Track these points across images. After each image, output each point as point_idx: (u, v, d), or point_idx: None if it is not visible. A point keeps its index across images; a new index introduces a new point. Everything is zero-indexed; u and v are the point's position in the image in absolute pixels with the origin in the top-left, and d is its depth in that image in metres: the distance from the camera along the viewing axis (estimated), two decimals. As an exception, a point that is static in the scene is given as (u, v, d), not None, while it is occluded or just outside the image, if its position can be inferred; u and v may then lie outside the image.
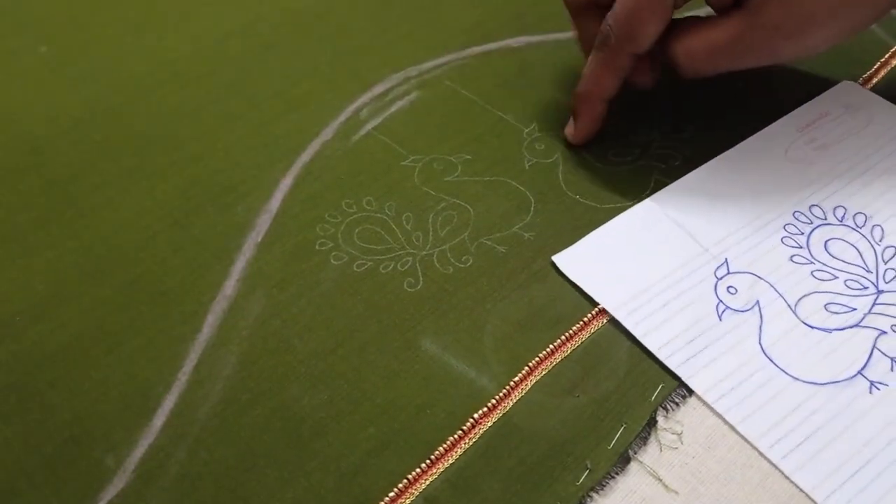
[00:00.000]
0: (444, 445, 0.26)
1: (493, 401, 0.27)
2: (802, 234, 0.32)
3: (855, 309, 0.29)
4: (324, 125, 0.37)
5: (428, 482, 0.26)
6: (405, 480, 0.26)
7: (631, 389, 0.28)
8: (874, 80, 0.39)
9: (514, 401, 0.27)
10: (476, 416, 0.27)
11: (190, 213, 0.33)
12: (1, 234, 0.33)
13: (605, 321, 0.30)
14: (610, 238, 0.32)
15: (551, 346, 0.29)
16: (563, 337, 0.29)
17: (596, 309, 0.30)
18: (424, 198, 0.34)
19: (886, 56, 0.40)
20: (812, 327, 0.29)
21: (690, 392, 0.28)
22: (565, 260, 0.31)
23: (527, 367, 0.28)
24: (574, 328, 0.29)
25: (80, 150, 0.36)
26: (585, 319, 0.29)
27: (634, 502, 0.25)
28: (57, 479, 0.26)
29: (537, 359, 0.28)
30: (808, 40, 0.32)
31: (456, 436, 0.27)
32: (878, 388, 0.27)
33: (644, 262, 0.31)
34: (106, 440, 0.26)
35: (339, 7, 0.44)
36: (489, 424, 0.27)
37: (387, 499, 0.25)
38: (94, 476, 0.26)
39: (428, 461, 0.26)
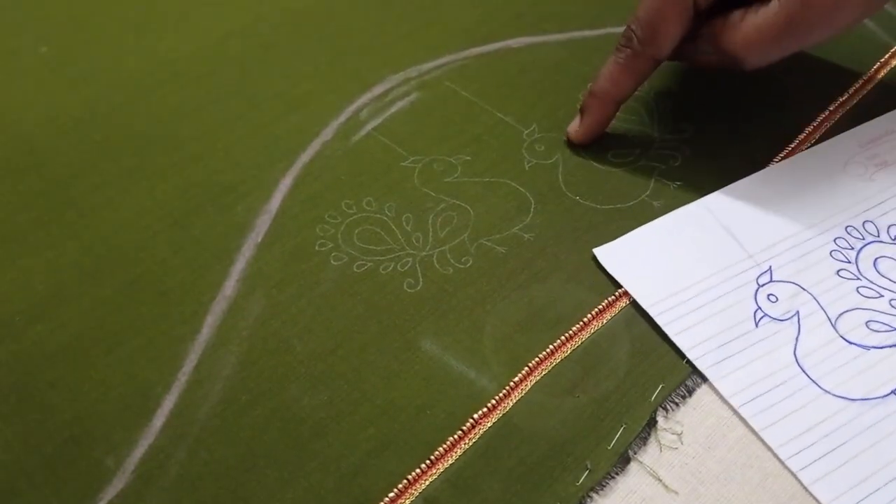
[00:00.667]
0: (444, 446, 0.26)
1: (493, 401, 0.27)
2: (853, 248, 0.31)
3: None
4: (324, 125, 0.37)
5: (428, 482, 0.26)
6: (405, 481, 0.26)
7: (631, 390, 0.28)
8: (874, 81, 0.39)
9: (514, 401, 0.27)
10: (476, 416, 0.27)
11: (190, 213, 0.33)
12: (1, 234, 0.33)
13: (605, 321, 0.30)
14: (654, 236, 0.32)
15: (551, 347, 0.29)
16: (562, 337, 0.29)
17: (596, 309, 0.30)
18: (424, 198, 0.34)
19: (886, 56, 0.40)
20: (850, 343, 0.29)
21: (690, 392, 0.28)
22: (606, 253, 0.31)
23: (527, 368, 0.28)
24: (574, 328, 0.29)
25: (80, 150, 0.36)
26: (585, 320, 0.30)
27: (634, 502, 0.25)
28: (57, 479, 0.26)
29: (537, 359, 0.28)
30: (847, 13, 0.32)
31: (456, 436, 0.27)
32: None
33: (686, 262, 0.31)
34: (106, 440, 0.26)
35: (339, 7, 0.44)
36: (489, 425, 0.27)
37: (387, 499, 0.25)
38: (94, 476, 0.26)
39: (428, 461, 0.26)
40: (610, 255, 0.31)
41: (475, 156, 0.36)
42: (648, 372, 0.28)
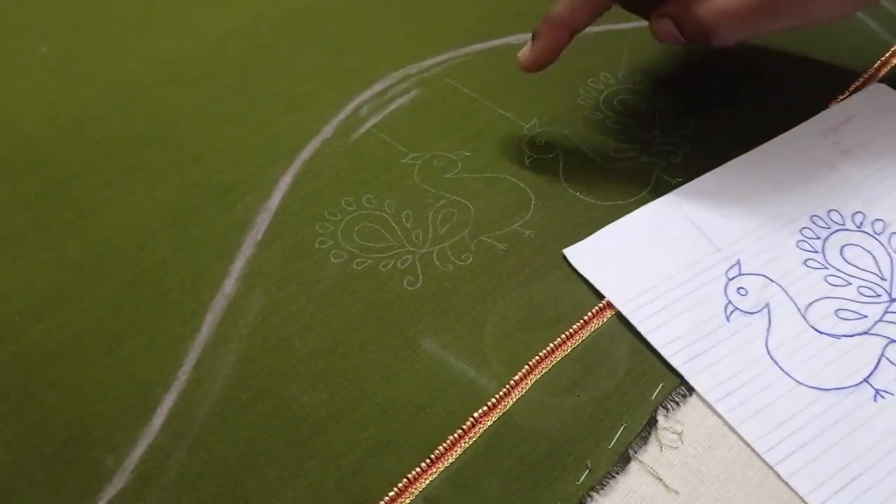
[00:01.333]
0: (444, 444, 0.26)
1: (494, 400, 0.27)
2: (819, 238, 0.31)
3: (866, 316, 0.29)
4: (323, 123, 0.37)
5: (428, 481, 0.26)
6: (405, 480, 0.25)
7: (631, 389, 0.28)
8: (874, 80, 0.39)
9: (515, 400, 0.27)
10: (476, 415, 0.27)
11: (190, 212, 0.33)
12: (1, 234, 0.33)
13: (605, 319, 0.29)
14: (623, 233, 0.32)
15: (552, 345, 0.29)
16: (563, 335, 0.29)
17: (596, 307, 0.30)
18: (424, 195, 0.34)
19: (887, 55, 0.40)
20: (821, 332, 0.29)
21: (691, 391, 0.27)
22: (576, 253, 0.31)
23: (527, 366, 0.28)
24: (574, 327, 0.29)
25: (80, 150, 0.36)
26: (586, 318, 0.29)
27: (634, 502, 0.25)
28: (57, 479, 0.26)
29: (537, 357, 0.28)
30: (825, 2, 0.31)
31: (456, 435, 0.26)
32: (883, 397, 0.27)
33: (655, 258, 0.31)
34: (106, 440, 0.26)
35: (339, 6, 0.44)
36: (489, 423, 0.27)
37: (387, 498, 0.25)
38: (94, 476, 0.26)
39: (428, 460, 0.26)
40: (580, 254, 0.31)
41: (475, 152, 0.35)
42: (649, 371, 0.28)
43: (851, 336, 0.29)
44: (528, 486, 0.25)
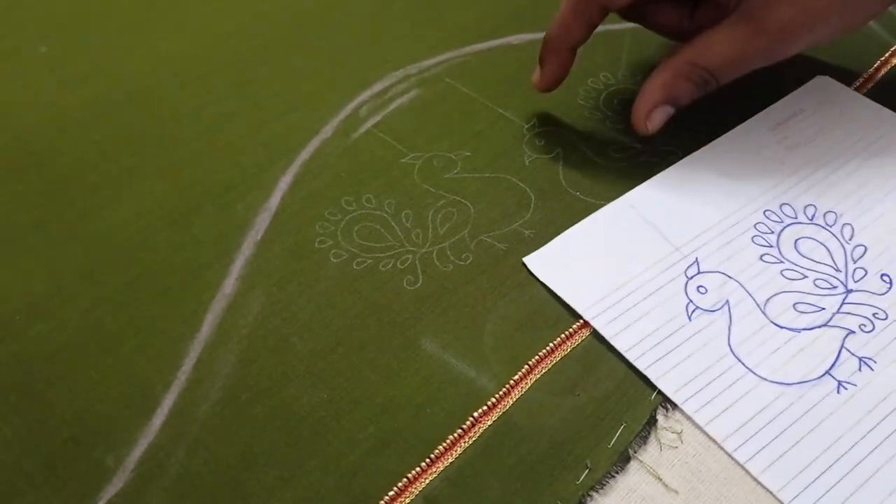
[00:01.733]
0: (444, 444, 0.26)
1: (493, 399, 0.27)
2: (773, 232, 0.32)
3: (823, 308, 0.29)
4: (323, 123, 0.37)
5: (428, 481, 0.26)
6: (405, 479, 0.25)
7: (631, 388, 0.28)
8: (874, 79, 0.39)
9: (514, 399, 0.27)
10: (476, 414, 0.27)
11: (190, 212, 0.33)
12: (1, 234, 0.33)
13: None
14: (581, 238, 0.32)
15: (551, 345, 0.29)
16: (563, 335, 0.29)
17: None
18: (424, 195, 0.34)
19: (887, 55, 0.40)
20: (781, 327, 0.29)
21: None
22: (536, 261, 0.31)
23: (527, 366, 0.28)
24: (574, 326, 0.29)
25: (80, 150, 0.36)
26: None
27: (634, 501, 0.25)
28: (57, 479, 0.26)
29: (537, 357, 0.28)
30: (815, 36, 0.32)
31: (456, 434, 0.26)
32: (846, 388, 0.27)
33: (615, 261, 0.31)
34: (106, 440, 0.26)
35: (339, 6, 0.44)
36: (489, 423, 0.27)
37: (386, 498, 0.25)
38: (94, 476, 0.26)
39: (428, 460, 0.26)
40: (540, 262, 0.31)
41: (475, 151, 0.36)
42: (649, 369, 0.28)
43: (811, 329, 0.29)
44: (528, 486, 0.25)
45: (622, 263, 0.31)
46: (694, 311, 0.29)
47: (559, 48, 0.34)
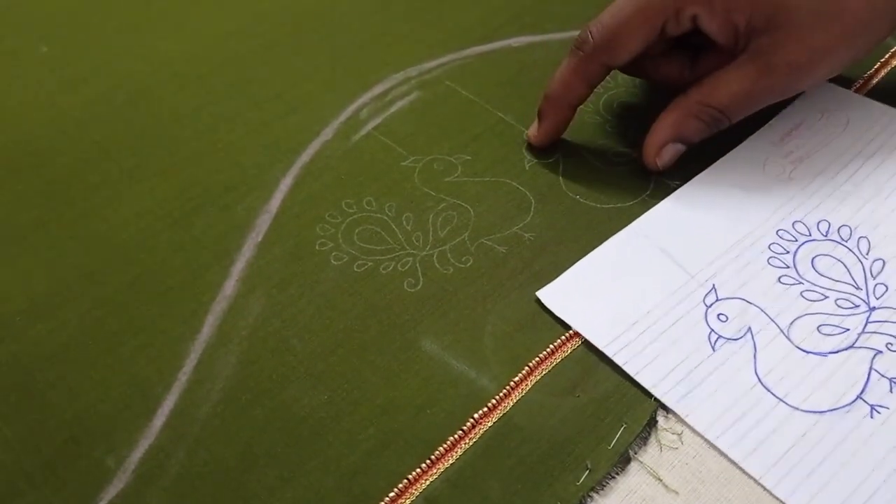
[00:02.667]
0: (445, 445, 0.26)
1: (494, 401, 0.27)
2: (788, 252, 0.31)
3: (848, 329, 0.29)
4: (324, 125, 0.37)
5: (428, 482, 0.26)
6: (405, 480, 0.26)
7: (631, 389, 0.28)
8: (874, 80, 0.39)
9: (515, 401, 0.27)
10: (476, 415, 0.27)
11: (190, 213, 0.33)
12: (1, 234, 0.33)
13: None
14: (595, 269, 0.31)
15: (551, 346, 0.29)
16: (563, 337, 0.29)
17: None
18: (424, 198, 0.34)
19: (886, 56, 0.40)
20: (807, 352, 0.28)
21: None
22: (550, 295, 0.30)
23: (527, 367, 0.28)
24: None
25: (80, 150, 0.36)
26: (585, 319, 0.29)
27: (634, 502, 0.25)
28: (57, 479, 0.26)
29: (537, 359, 0.28)
30: (824, 70, 0.33)
31: (456, 436, 0.26)
32: (879, 412, 0.26)
33: (631, 293, 0.30)
34: (106, 440, 0.26)
35: (340, 7, 0.44)
36: (489, 424, 0.27)
37: (387, 499, 0.25)
38: (94, 476, 0.26)
39: (428, 461, 0.26)
40: (554, 296, 0.30)
41: (475, 155, 0.36)
42: (649, 371, 0.28)
43: (837, 352, 0.28)
44: (528, 487, 0.25)
45: (639, 294, 0.30)
46: (717, 340, 0.28)
47: (559, 105, 0.34)
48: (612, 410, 0.27)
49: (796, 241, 0.31)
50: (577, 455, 0.26)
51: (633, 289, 0.30)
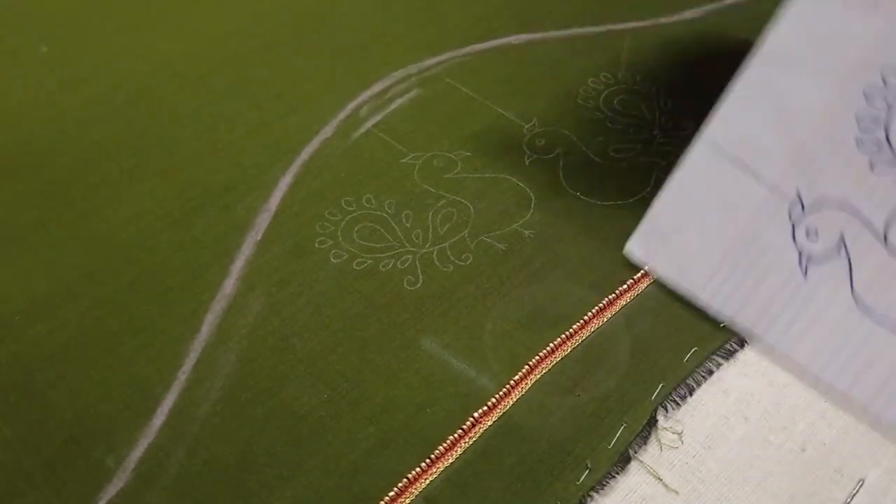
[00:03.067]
0: (444, 444, 0.26)
1: (494, 400, 0.27)
2: (879, 124, 0.24)
3: None
4: (323, 123, 0.37)
5: (428, 481, 0.26)
6: (405, 479, 0.25)
7: (631, 388, 0.28)
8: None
9: (515, 400, 0.27)
10: (476, 415, 0.27)
11: (190, 212, 0.33)
12: (1, 234, 0.33)
13: (605, 319, 0.29)
14: (672, 207, 0.28)
15: (552, 345, 0.29)
16: (563, 335, 0.29)
17: (596, 307, 0.30)
18: (424, 195, 0.34)
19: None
20: None
21: (691, 391, 0.27)
22: (637, 248, 0.27)
23: (527, 366, 0.28)
24: (574, 326, 0.29)
25: (80, 150, 0.36)
26: (586, 318, 0.29)
27: (634, 502, 0.25)
28: (57, 479, 0.26)
29: (537, 357, 0.28)
30: None
31: (456, 435, 0.26)
32: None
33: (712, 225, 0.27)
34: (106, 440, 0.26)
35: (340, 7, 0.44)
36: (489, 423, 0.27)
37: (387, 498, 0.25)
38: (94, 476, 0.26)
39: (428, 460, 0.26)
40: (641, 248, 0.27)
41: (475, 152, 0.36)
42: (649, 371, 0.28)
43: None
44: (528, 486, 0.25)
45: (720, 224, 0.26)
46: (807, 264, 0.25)
47: None
48: (613, 409, 0.27)
49: (888, 103, 0.24)
50: (577, 454, 0.26)
51: (714, 219, 0.27)
